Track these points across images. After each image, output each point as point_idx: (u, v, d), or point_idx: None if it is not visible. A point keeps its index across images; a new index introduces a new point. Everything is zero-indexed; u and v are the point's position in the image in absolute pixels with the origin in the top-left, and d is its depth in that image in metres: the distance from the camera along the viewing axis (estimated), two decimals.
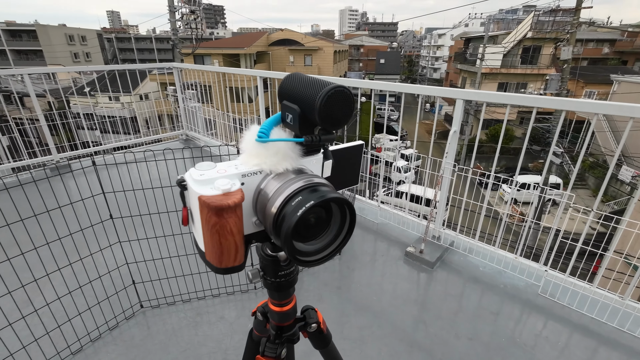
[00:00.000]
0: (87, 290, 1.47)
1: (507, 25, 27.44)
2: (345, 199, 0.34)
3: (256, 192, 0.37)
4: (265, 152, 0.37)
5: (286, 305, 0.49)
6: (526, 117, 18.88)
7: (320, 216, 0.36)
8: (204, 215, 0.33)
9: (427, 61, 42.96)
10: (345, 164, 0.46)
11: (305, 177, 0.35)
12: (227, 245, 0.34)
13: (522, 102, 1.65)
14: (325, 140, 0.38)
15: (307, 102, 0.34)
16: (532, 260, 1.90)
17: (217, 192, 0.32)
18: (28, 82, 3.18)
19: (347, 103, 0.34)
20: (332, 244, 0.37)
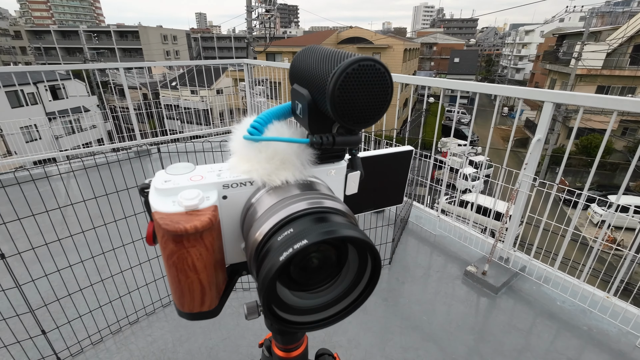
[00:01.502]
0: (146, 267, 1.58)
1: (614, 19, 23.48)
2: (366, 239, 0.22)
3: (245, 208, 0.26)
4: (257, 155, 0.26)
5: (294, 350, 0.39)
6: (631, 127, 15.96)
7: (327, 257, 0.24)
8: (160, 238, 0.24)
9: (509, 60, 39.02)
10: (387, 175, 0.32)
11: (312, 197, 0.24)
12: (189, 285, 0.25)
13: (632, 108, 1.33)
14: (342, 144, 0.25)
15: (318, 84, 0.22)
16: (631, 304, 1.55)
17: (177, 209, 0.23)
18: (122, 75, 3.60)
19: (378, 86, 0.21)
20: (342, 300, 0.25)
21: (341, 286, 0.25)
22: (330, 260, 0.25)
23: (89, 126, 4.38)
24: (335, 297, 0.25)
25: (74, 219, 1.31)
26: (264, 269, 0.21)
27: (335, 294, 0.25)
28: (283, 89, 4.40)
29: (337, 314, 0.25)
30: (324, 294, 0.25)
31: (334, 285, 0.25)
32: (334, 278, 0.25)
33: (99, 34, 38.23)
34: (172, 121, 4.80)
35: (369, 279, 0.25)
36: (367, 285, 0.25)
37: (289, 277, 0.24)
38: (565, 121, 16.32)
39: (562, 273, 1.75)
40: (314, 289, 0.25)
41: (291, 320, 0.24)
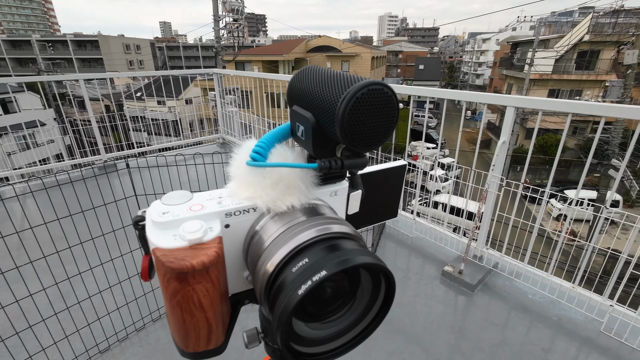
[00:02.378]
0: (116, 290, 1.49)
1: (560, 28, 25.56)
2: (383, 265, 0.21)
3: (248, 235, 0.25)
4: (261, 182, 0.25)
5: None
6: (580, 127, 17.33)
7: (340, 286, 0.24)
8: (161, 277, 0.22)
9: (469, 67, 41.23)
10: (382, 190, 0.32)
11: (319, 223, 0.23)
12: (195, 324, 0.23)
13: (586, 111, 1.44)
14: (351, 167, 0.25)
15: (324, 107, 0.22)
16: (594, 292, 1.65)
17: (180, 244, 0.21)
18: (83, 87, 3.42)
19: (387, 109, 0.21)
20: (355, 327, 0.25)
21: (355, 312, 0.24)
22: (343, 288, 0.24)
23: (45, 141, 4.10)
24: (349, 324, 0.24)
25: (32, 242, 1.21)
26: (280, 304, 0.20)
27: (349, 321, 0.24)
28: (255, 98, 4.36)
29: (349, 342, 0.24)
30: (338, 322, 0.24)
31: (348, 313, 0.24)
32: (347, 305, 0.24)
33: (54, 43, 36.10)
34: (138, 133, 4.60)
35: (383, 302, 0.24)
36: (381, 308, 0.24)
37: (303, 310, 0.22)
38: (523, 122, 17.43)
39: (532, 267, 1.84)
40: (327, 319, 0.24)
41: (305, 352, 0.23)
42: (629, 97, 10.05)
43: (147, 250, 0.26)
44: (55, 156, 4.13)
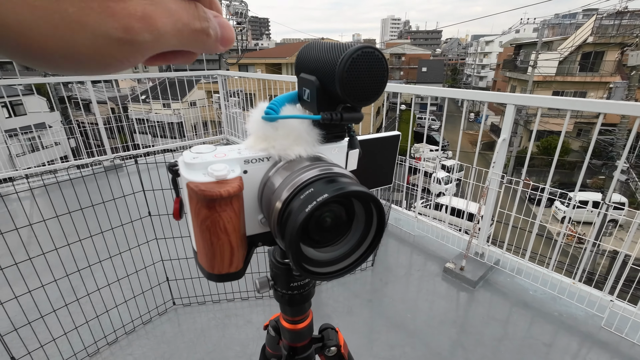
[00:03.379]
0: (124, 284, 1.53)
1: (563, 30, 25.53)
2: (371, 193, 0.26)
3: (262, 183, 0.30)
4: (274, 134, 0.30)
5: (300, 322, 0.41)
6: (585, 129, 17.24)
7: (338, 216, 0.28)
8: (193, 207, 0.27)
9: (472, 69, 41.21)
10: (377, 158, 0.37)
11: (322, 166, 0.28)
12: (220, 246, 0.28)
13: (584, 108, 1.47)
14: (349, 120, 0.30)
15: (326, 70, 0.27)
16: (594, 288, 1.67)
17: (209, 179, 0.26)
18: (90, 88, 3.49)
19: (378, 68, 0.26)
20: (353, 253, 0.29)
21: (353, 239, 0.29)
22: (341, 217, 0.29)
23: (52, 143, 4.17)
24: (349, 249, 0.28)
25: (45, 236, 1.25)
26: (290, 225, 0.24)
27: (349, 246, 0.28)
28: (258, 100, 4.41)
29: (349, 266, 0.28)
30: (339, 247, 0.29)
31: (346, 239, 0.29)
32: (346, 233, 0.29)
33: None
34: (143, 135, 4.68)
35: (375, 232, 0.28)
36: (374, 238, 0.29)
37: (308, 236, 0.27)
38: (527, 124, 17.39)
39: (532, 264, 1.86)
40: (329, 245, 0.28)
41: (317, 272, 0.27)
42: (634, 98, 10.01)
43: (177, 192, 0.31)
44: (61, 158, 4.21)
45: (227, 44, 0.22)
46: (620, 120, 10.87)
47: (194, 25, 0.19)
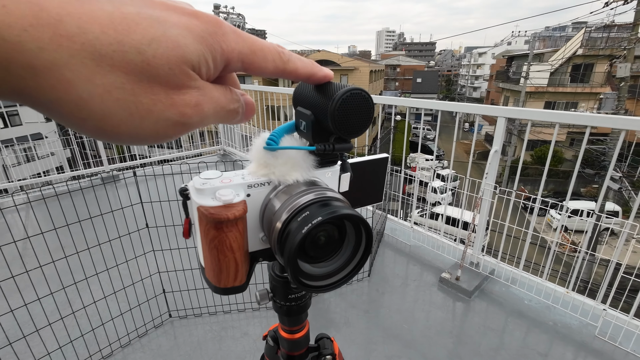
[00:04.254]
0: (120, 296, 1.53)
1: (554, 42, 26.17)
2: (361, 216, 0.30)
3: (263, 205, 0.34)
4: (274, 162, 0.34)
5: (297, 332, 0.44)
6: (577, 139, 17.52)
7: (331, 235, 0.33)
8: (202, 228, 0.30)
9: (466, 80, 41.93)
10: (368, 178, 0.42)
11: (316, 190, 0.32)
12: (227, 263, 0.31)
13: (572, 121, 1.52)
14: (340, 150, 0.34)
15: (320, 107, 0.31)
16: (587, 297, 1.69)
17: (217, 203, 0.30)
18: None
19: (364, 108, 0.31)
20: (345, 268, 0.33)
21: (344, 256, 0.32)
22: (334, 236, 0.33)
23: (47, 153, 4.17)
24: (341, 264, 0.31)
25: (42, 249, 1.26)
26: (289, 244, 0.27)
27: (341, 263, 0.32)
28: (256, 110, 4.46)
29: (341, 279, 0.31)
30: (332, 263, 0.32)
31: (338, 256, 0.32)
32: (338, 250, 0.32)
33: None
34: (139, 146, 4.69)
35: (364, 250, 0.31)
36: (362, 255, 0.32)
37: (304, 252, 0.29)
38: (521, 134, 17.64)
39: (527, 273, 1.88)
40: (323, 260, 0.31)
41: (311, 285, 0.30)
42: (623, 108, 10.23)
43: (187, 214, 0.34)
44: (57, 168, 4.20)
45: (250, 117, 0.27)
46: (612, 130, 11.08)
47: (229, 107, 0.24)
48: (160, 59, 0.18)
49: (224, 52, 0.21)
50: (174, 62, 0.19)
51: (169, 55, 0.18)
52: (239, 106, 0.25)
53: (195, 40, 0.19)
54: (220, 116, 0.23)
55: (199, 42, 0.19)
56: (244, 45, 0.22)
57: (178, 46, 0.18)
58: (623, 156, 12.71)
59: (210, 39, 0.20)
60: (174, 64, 0.19)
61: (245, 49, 0.22)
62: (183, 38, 0.19)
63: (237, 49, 0.22)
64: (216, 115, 0.23)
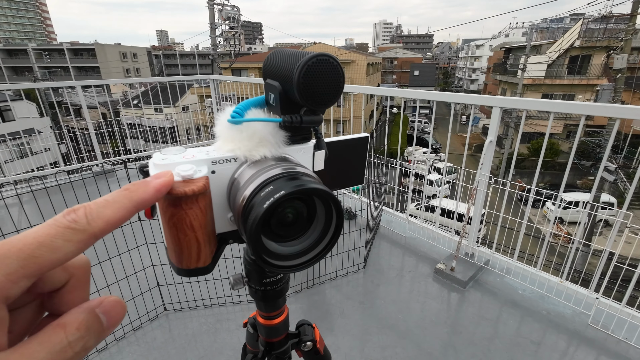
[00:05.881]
0: (114, 290, 1.52)
1: (551, 34, 26.07)
2: (330, 193, 0.28)
3: (230, 182, 0.32)
4: (239, 136, 0.32)
5: (275, 318, 0.43)
6: (573, 131, 17.57)
7: (300, 213, 0.30)
8: (161, 204, 0.29)
9: (463, 72, 41.78)
10: (346, 159, 0.39)
11: (284, 165, 0.30)
12: (187, 243, 0.29)
13: (566, 110, 1.51)
14: (309, 123, 0.32)
15: (286, 76, 0.29)
16: (580, 286, 1.70)
17: (176, 179, 0.27)
18: (80, 93, 3.46)
19: (333, 75, 0.28)
20: (314, 248, 0.31)
21: (313, 235, 0.30)
22: (302, 214, 0.31)
23: (42, 148, 4.12)
24: (310, 244, 0.30)
25: None
26: (250, 219, 0.26)
27: (310, 242, 0.30)
28: None
29: (308, 260, 0.30)
30: (300, 242, 0.30)
31: (307, 235, 0.30)
32: (307, 230, 0.30)
33: (50, 52, 36.20)
34: (135, 140, 4.64)
35: (334, 230, 0.30)
36: (332, 235, 0.30)
37: (270, 230, 0.28)
38: (518, 127, 17.65)
39: (521, 263, 1.89)
40: (291, 239, 0.30)
41: (277, 264, 0.29)
42: (620, 100, 10.24)
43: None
44: (52, 164, 4.15)
45: (115, 325, 0.21)
46: (608, 122, 11.10)
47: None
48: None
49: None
50: None
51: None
52: (81, 343, 0.18)
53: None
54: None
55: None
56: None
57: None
58: (619, 148, 12.76)
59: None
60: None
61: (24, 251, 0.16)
62: None
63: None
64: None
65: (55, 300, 0.21)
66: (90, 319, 0.19)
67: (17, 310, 0.19)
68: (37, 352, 0.16)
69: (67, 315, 0.18)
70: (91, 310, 0.19)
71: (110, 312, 0.20)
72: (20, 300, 0.19)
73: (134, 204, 0.21)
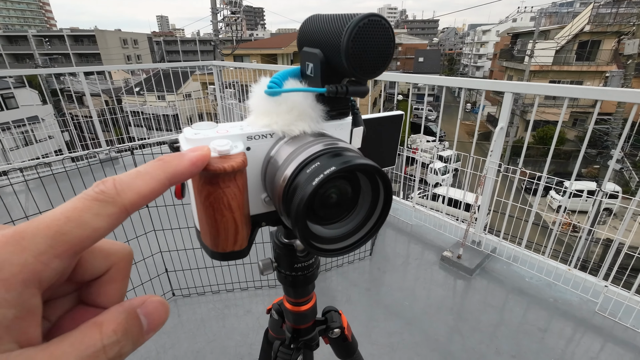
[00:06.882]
0: None
1: (560, 19, 25.39)
2: (377, 167, 0.25)
3: (265, 160, 0.29)
4: (276, 109, 0.29)
5: (304, 304, 0.41)
6: (581, 119, 17.31)
7: (344, 192, 0.28)
8: (196, 183, 0.26)
9: (469, 59, 41.02)
10: (381, 138, 0.36)
11: (327, 141, 0.27)
12: (224, 224, 0.27)
13: (581, 95, 1.47)
14: (354, 93, 0.29)
15: (331, 42, 0.25)
16: (589, 274, 1.70)
17: (212, 154, 0.25)
18: (83, 80, 3.43)
19: (384, 39, 0.25)
20: (360, 230, 0.28)
21: (360, 215, 0.28)
22: (346, 193, 0.28)
23: (45, 136, 4.12)
24: (353, 228, 0.28)
25: None
26: (295, 200, 0.24)
27: (357, 222, 0.28)
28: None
29: (355, 242, 0.28)
30: (346, 223, 0.28)
31: (353, 215, 0.28)
32: (352, 210, 0.28)
33: (50, 38, 35.84)
34: (138, 128, 4.62)
35: (382, 208, 0.28)
36: (381, 214, 0.28)
37: (314, 211, 0.26)
38: (523, 115, 17.41)
39: (529, 251, 1.88)
40: (336, 221, 0.28)
41: (325, 248, 0.27)
42: (629, 87, 10.04)
43: None
44: (56, 151, 4.16)
45: (155, 329, 0.18)
46: (616, 110, 10.91)
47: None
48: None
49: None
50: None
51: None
52: (116, 348, 0.16)
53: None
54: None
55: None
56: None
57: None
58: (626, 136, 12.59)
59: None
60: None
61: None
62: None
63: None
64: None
65: (92, 290, 0.19)
66: (130, 321, 0.17)
67: (57, 301, 0.18)
68: (66, 355, 0.14)
69: (106, 314, 0.16)
70: (132, 311, 0.17)
71: (153, 314, 0.18)
72: (61, 290, 0.18)
73: (167, 176, 0.20)
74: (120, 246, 0.20)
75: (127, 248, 0.20)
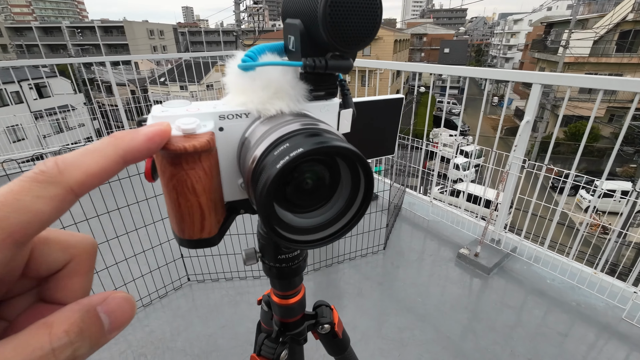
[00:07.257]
0: (141, 259, 1.58)
1: (600, 7, 23.72)
2: (358, 152, 0.22)
3: (240, 142, 0.27)
4: (251, 84, 0.26)
5: (291, 297, 0.40)
6: (618, 114, 16.24)
7: (321, 178, 0.25)
8: (159, 164, 0.24)
9: (498, 50, 39.24)
10: (377, 123, 0.33)
11: (304, 120, 0.25)
12: (189, 209, 0.25)
13: (619, 87, 1.36)
14: (335, 68, 0.25)
15: (309, 10, 0.23)
16: (616, 279, 1.60)
17: (176, 133, 0.23)
18: (109, 69, 3.54)
19: (367, 6, 0.22)
20: (335, 223, 0.26)
21: (337, 205, 0.26)
22: (324, 180, 0.26)
23: (77, 124, 4.31)
24: (333, 216, 0.26)
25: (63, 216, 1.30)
26: (260, 183, 0.22)
27: (333, 213, 0.26)
28: None
29: (337, 231, 0.26)
30: (321, 213, 0.26)
31: (329, 205, 0.26)
32: (329, 199, 0.26)
33: (82, 29, 37.25)
34: None
35: (362, 198, 0.26)
36: (360, 205, 0.26)
37: (285, 198, 0.25)
38: (554, 109, 16.54)
39: (552, 252, 1.79)
40: (310, 210, 0.26)
41: (293, 238, 0.25)
42: None
43: None
44: (86, 139, 4.34)
45: (120, 328, 0.17)
46: None
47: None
48: None
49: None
50: None
51: None
52: (68, 351, 0.14)
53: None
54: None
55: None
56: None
57: None
58: None
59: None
60: None
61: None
62: None
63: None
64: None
65: (51, 285, 0.17)
66: (87, 320, 0.15)
67: (14, 299, 0.17)
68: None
69: (58, 313, 0.15)
70: (90, 309, 0.15)
71: (116, 311, 0.16)
72: (18, 286, 0.17)
73: (120, 152, 0.18)
74: (81, 237, 0.19)
75: (88, 239, 0.19)
